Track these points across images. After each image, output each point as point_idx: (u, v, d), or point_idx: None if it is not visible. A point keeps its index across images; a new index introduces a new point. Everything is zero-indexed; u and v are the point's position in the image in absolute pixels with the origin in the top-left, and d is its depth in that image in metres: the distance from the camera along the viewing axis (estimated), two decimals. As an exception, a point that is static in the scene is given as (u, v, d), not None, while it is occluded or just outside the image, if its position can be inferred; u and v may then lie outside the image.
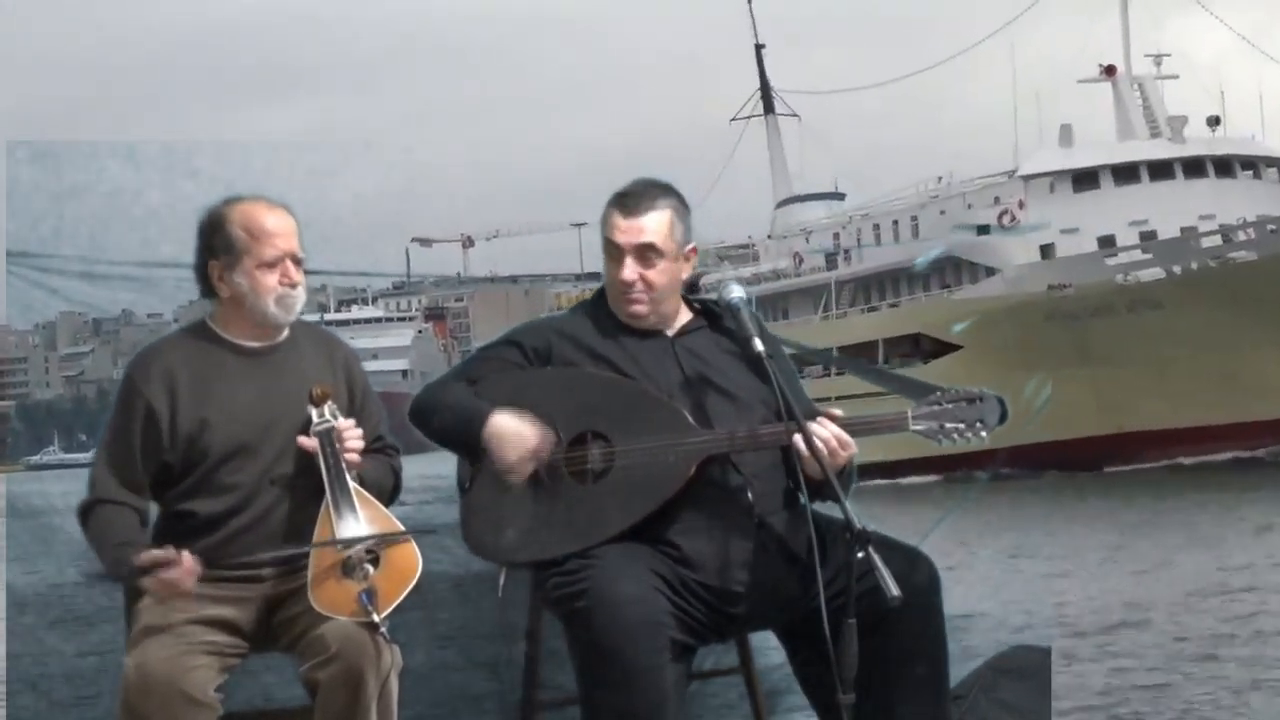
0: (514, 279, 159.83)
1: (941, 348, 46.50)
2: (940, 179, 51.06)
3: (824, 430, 3.70)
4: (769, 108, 62.36)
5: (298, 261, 3.88)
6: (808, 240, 55.17)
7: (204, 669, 3.65)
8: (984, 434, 3.77)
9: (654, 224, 3.84)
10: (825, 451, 3.65)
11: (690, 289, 3.97)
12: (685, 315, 3.94)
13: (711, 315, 3.95)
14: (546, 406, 3.76)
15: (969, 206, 48.18)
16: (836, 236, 53.82)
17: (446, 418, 3.80)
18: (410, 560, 3.73)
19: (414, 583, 3.70)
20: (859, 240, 52.41)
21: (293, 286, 3.85)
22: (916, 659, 3.65)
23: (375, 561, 3.70)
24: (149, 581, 3.64)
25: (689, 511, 3.68)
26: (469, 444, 3.77)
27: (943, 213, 48.91)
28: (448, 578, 4.07)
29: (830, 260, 53.41)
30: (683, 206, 3.91)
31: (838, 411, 3.77)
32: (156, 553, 3.64)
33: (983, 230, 46.72)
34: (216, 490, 3.78)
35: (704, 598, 3.64)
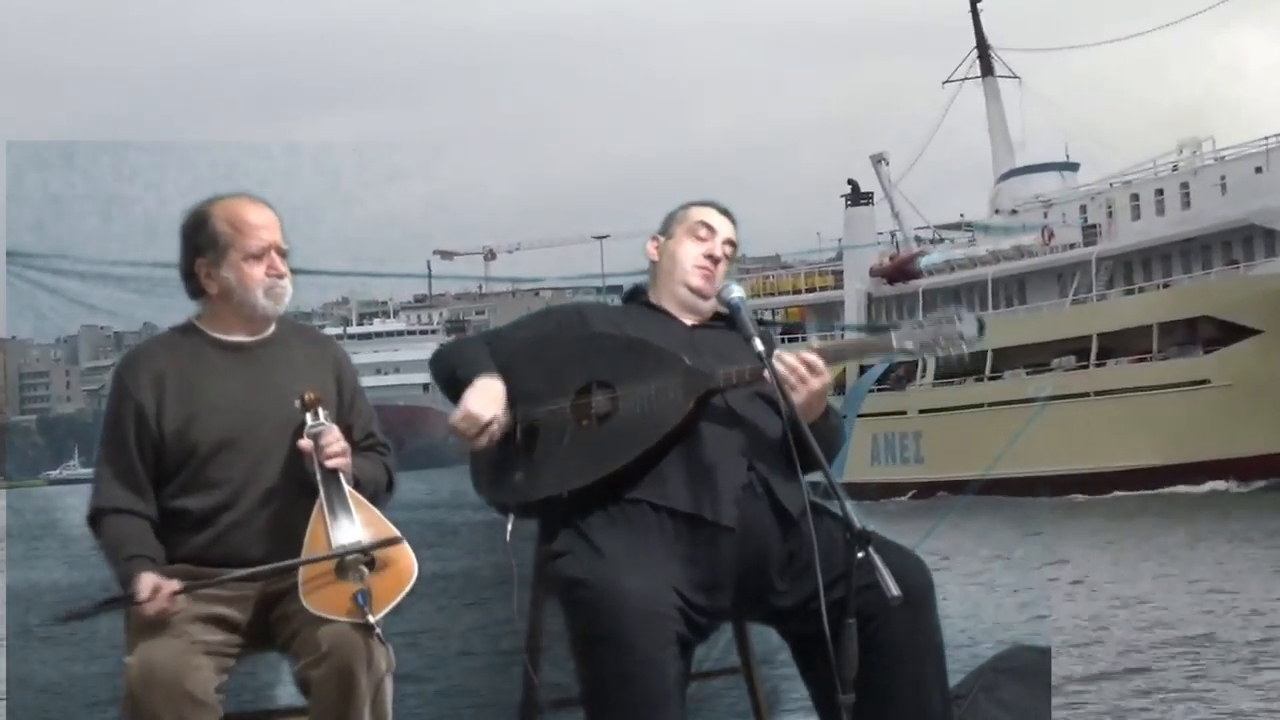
0: (535, 292, 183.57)
1: (1230, 333, 47.27)
2: (1182, 150, 51.82)
3: (789, 357, 4.95)
4: (987, 69, 65.29)
5: (283, 253, 4.98)
6: (1045, 215, 56.27)
7: (206, 669, 4.65)
8: (965, 347, 4.97)
9: (734, 229, 5.34)
10: (793, 377, 4.91)
11: (904, 272, 5.41)
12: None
13: (729, 318, 5.20)
14: (552, 362, 5.05)
15: (1258, 170, 48.84)
16: (1083, 210, 54.89)
17: (452, 363, 5.13)
18: (406, 563, 4.76)
19: (410, 585, 4.73)
20: (1111, 213, 53.35)
21: (280, 277, 4.96)
22: (914, 659, 4.77)
23: (370, 563, 4.72)
24: (138, 610, 4.68)
25: (685, 448, 4.88)
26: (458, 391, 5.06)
27: (1223, 178, 49.63)
28: (448, 578, 5.27)
29: (1089, 235, 54.42)
30: None
31: (815, 346, 5.08)
32: (146, 583, 4.67)
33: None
34: (206, 486, 4.84)
35: (700, 539, 4.78)
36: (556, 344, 5.17)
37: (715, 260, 5.28)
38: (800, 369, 4.97)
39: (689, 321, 5.24)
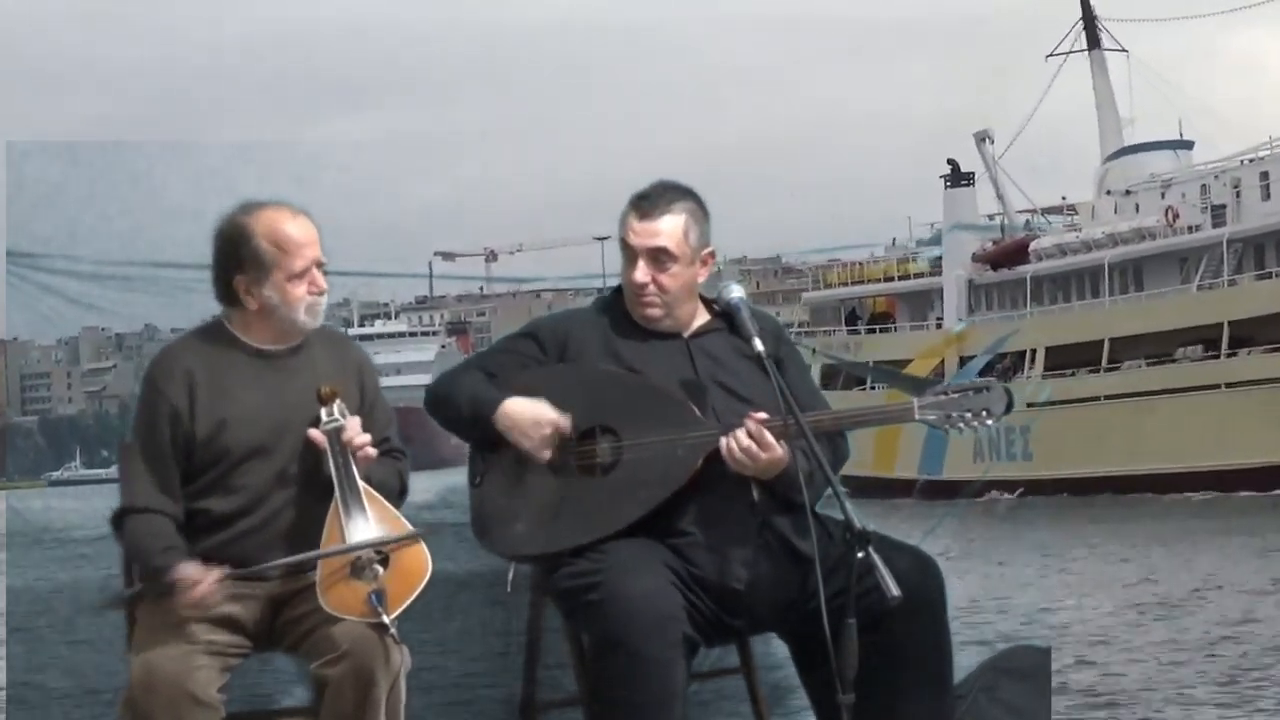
0: (537, 293, 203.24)
1: None
2: None
3: (741, 437, 5.28)
4: (1094, 42, 66.72)
5: (321, 266, 5.45)
6: (1163, 195, 56.78)
7: (208, 669, 5.15)
8: (990, 422, 5.37)
9: (668, 228, 5.53)
10: (738, 460, 5.27)
11: (1018, 254, 5.75)
12: (703, 316, 5.63)
13: (730, 316, 5.61)
14: (556, 403, 5.41)
15: None
16: (1205, 190, 55.34)
17: (463, 407, 5.51)
18: (420, 561, 5.26)
19: (424, 584, 5.24)
20: (1238, 193, 53.87)
21: (321, 294, 5.46)
22: (919, 658, 5.30)
23: (385, 562, 5.21)
24: (179, 597, 5.17)
25: (694, 506, 5.33)
26: (483, 432, 5.48)
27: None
28: (448, 577, 5.76)
29: (1216, 216, 54.89)
30: (700, 210, 5.60)
31: (832, 413, 5.45)
32: (191, 570, 5.16)
33: None
34: (230, 490, 5.34)
35: (711, 594, 5.28)
36: (554, 384, 5.48)
37: (645, 285, 5.50)
38: (752, 447, 5.29)
39: (685, 333, 5.57)
